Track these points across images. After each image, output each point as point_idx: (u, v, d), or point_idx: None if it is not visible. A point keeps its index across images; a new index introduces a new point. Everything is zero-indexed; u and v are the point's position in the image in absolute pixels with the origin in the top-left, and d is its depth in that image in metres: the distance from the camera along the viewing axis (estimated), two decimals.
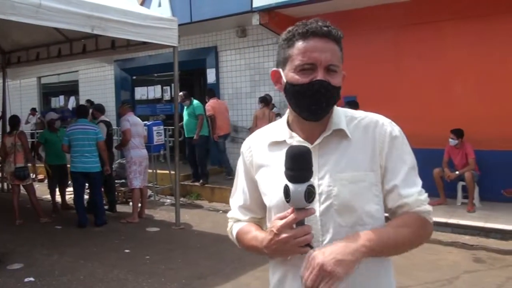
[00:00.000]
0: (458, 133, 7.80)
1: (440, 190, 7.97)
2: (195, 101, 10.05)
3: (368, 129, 1.60)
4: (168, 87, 13.00)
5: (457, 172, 7.77)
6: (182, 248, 6.65)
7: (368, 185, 1.55)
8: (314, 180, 1.50)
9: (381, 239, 1.45)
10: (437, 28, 8.44)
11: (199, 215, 8.55)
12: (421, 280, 5.23)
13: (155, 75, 13.63)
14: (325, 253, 1.36)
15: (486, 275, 5.46)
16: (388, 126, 1.61)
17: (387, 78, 8.94)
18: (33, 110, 15.74)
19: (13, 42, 10.60)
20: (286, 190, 1.39)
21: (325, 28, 1.51)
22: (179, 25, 7.65)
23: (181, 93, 9.54)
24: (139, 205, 8.55)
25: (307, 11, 9.21)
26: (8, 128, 8.94)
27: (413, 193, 1.59)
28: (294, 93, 1.53)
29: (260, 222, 1.77)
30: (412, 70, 8.76)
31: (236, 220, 1.80)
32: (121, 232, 7.63)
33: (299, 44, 1.51)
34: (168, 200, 9.84)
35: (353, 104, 8.57)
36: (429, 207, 1.62)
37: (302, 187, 1.37)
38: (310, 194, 1.38)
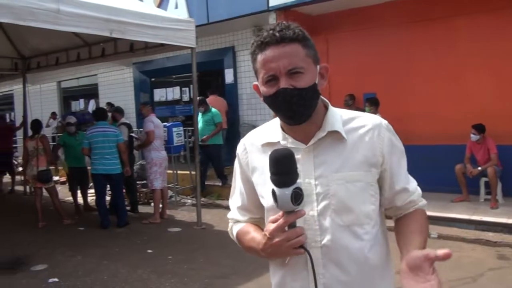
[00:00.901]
0: (480, 128, 7.71)
1: (462, 186, 7.89)
2: (214, 109, 9.93)
3: (366, 131, 1.60)
4: (187, 88, 13.05)
5: (479, 168, 7.67)
6: (204, 248, 6.68)
7: (364, 185, 1.57)
8: (311, 180, 1.54)
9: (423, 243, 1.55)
10: (451, 23, 8.35)
11: (220, 215, 8.58)
12: (444, 278, 5.15)
13: (174, 76, 13.68)
14: None
15: (510, 272, 5.40)
16: (386, 128, 1.64)
17: (402, 73, 8.88)
18: (54, 114, 15.96)
19: (33, 48, 10.76)
20: (274, 194, 1.39)
21: (278, 34, 1.48)
22: (196, 26, 7.69)
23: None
24: (160, 205, 8.62)
25: (323, 9, 9.21)
26: (30, 132, 9.06)
27: (415, 189, 1.70)
28: (269, 104, 1.54)
29: (259, 222, 1.78)
30: (426, 66, 8.68)
31: (236, 221, 1.83)
32: (143, 232, 7.70)
33: (259, 57, 1.52)
34: (189, 201, 9.90)
35: (373, 101, 8.54)
36: (425, 201, 1.73)
37: (288, 190, 1.37)
38: (297, 197, 1.38)
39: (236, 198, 1.82)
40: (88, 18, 6.06)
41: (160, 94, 13.98)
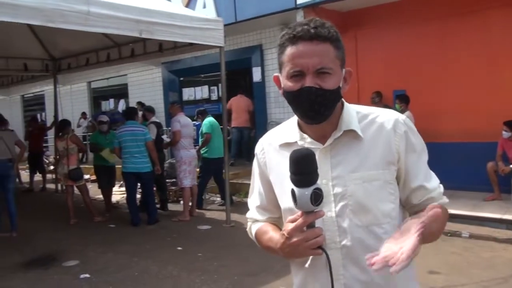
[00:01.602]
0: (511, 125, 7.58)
1: (494, 184, 7.73)
2: (207, 119, 9.23)
3: (383, 128, 1.57)
4: (215, 87, 13.16)
5: (511, 166, 7.53)
6: (233, 245, 6.71)
7: (382, 184, 1.54)
8: (328, 181, 1.52)
9: (428, 227, 1.40)
10: (484, 16, 8.18)
11: None
12: (476, 279, 5.09)
13: (202, 75, 13.78)
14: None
15: None
16: (404, 123, 1.58)
17: (434, 69, 8.74)
18: (84, 114, 16.23)
19: (63, 49, 11.00)
20: (293, 194, 1.38)
21: (313, 30, 1.45)
22: (224, 25, 7.73)
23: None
24: (190, 203, 8.70)
25: (351, 5, 9.14)
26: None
27: (436, 187, 1.62)
28: (289, 99, 1.53)
29: (277, 222, 1.77)
30: (460, 61, 8.50)
31: (254, 221, 1.82)
32: (173, 230, 7.78)
33: (288, 50, 1.49)
34: (218, 199, 9.94)
35: (403, 98, 8.46)
36: (447, 199, 1.66)
37: (308, 190, 1.36)
38: (316, 198, 1.36)
39: (255, 197, 1.82)
40: (118, 19, 6.15)
41: (188, 93, 14.12)
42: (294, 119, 1.67)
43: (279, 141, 1.67)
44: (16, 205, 7.77)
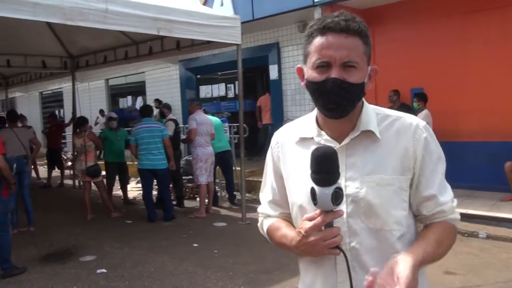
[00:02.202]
0: None
1: None
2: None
3: (402, 132, 1.54)
4: (232, 85, 13.18)
5: None
6: (249, 243, 6.72)
7: (397, 190, 1.51)
8: (341, 181, 1.47)
9: (429, 255, 1.43)
10: (505, 13, 8.06)
11: None
12: (492, 280, 5.05)
13: (219, 73, 13.82)
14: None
15: None
16: (424, 130, 1.54)
17: (453, 67, 8.64)
18: (102, 112, 16.37)
19: (81, 47, 11.09)
20: (313, 193, 1.37)
21: (343, 23, 1.43)
22: (241, 23, 7.74)
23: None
24: (206, 200, 8.74)
25: (370, 2, 9.09)
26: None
27: (448, 200, 1.57)
28: (312, 90, 1.50)
29: (290, 217, 1.73)
30: (480, 59, 8.37)
31: (266, 216, 1.79)
32: (189, 227, 7.82)
33: (316, 41, 1.46)
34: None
35: (421, 96, 8.39)
36: (458, 215, 1.61)
37: (329, 190, 1.34)
38: (337, 197, 1.35)
39: (267, 192, 1.79)
40: (136, 17, 6.19)
41: (205, 91, 14.16)
42: (312, 114, 1.65)
43: (296, 135, 1.65)
44: (32, 200, 7.86)
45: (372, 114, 1.57)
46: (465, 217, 7.03)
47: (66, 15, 5.49)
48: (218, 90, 13.77)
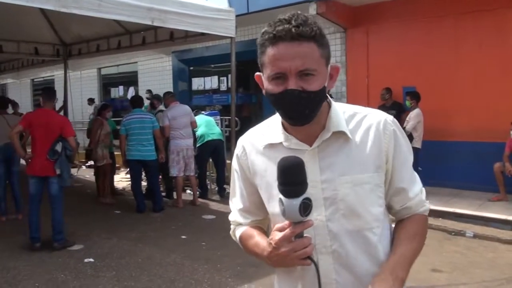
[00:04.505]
0: None
1: (500, 185, 7.67)
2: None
3: (371, 128, 1.51)
4: (225, 78, 13.14)
5: None
6: None
7: (373, 187, 1.50)
8: (317, 184, 1.46)
9: (409, 263, 1.48)
10: (498, 15, 8.12)
11: None
12: (478, 279, 5.09)
13: (212, 66, 13.79)
14: None
15: None
16: (392, 124, 1.53)
17: (446, 67, 8.69)
18: (91, 100, 16.23)
19: (74, 35, 11.03)
20: (281, 204, 1.33)
21: (294, 30, 1.34)
22: (236, 16, 7.72)
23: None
24: (191, 192, 8.91)
25: (364, 0, 9.10)
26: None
27: (417, 193, 1.59)
28: (272, 101, 1.44)
29: (262, 224, 1.72)
30: (472, 60, 8.43)
31: (238, 224, 1.74)
32: (178, 218, 7.82)
33: (269, 52, 1.39)
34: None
35: (414, 94, 8.41)
36: (428, 205, 1.62)
37: (297, 201, 1.30)
38: (305, 208, 1.31)
39: (237, 200, 1.72)
40: (130, 7, 6.16)
41: (198, 83, 14.13)
42: (277, 118, 1.57)
43: (263, 142, 1.58)
44: (21, 188, 7.81)
45: (341, 114, 1.53)
46: (453, 215, 7.11)
47: (60, 2, 5.46)
48: (210, 82, 13.74)
